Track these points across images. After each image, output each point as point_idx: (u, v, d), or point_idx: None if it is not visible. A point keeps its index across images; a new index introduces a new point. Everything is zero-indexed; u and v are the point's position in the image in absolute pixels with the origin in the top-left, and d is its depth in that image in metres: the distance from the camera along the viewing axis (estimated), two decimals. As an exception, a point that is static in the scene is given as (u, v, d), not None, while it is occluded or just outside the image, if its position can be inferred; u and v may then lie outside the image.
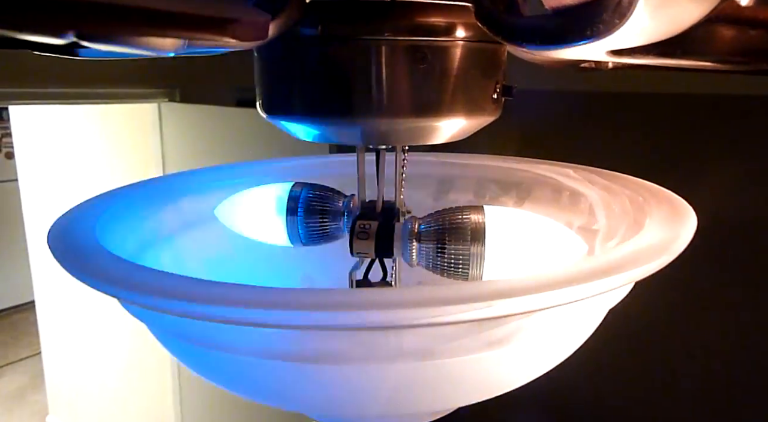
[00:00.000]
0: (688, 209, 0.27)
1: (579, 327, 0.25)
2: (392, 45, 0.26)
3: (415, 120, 0.27)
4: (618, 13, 0.18)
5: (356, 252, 0.31)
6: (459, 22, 0.26)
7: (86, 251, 0.22)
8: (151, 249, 0.33)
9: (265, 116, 0.30)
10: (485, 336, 0.20)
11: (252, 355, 0.21)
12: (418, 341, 0.20)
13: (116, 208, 0.32)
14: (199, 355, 0.23)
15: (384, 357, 0.20)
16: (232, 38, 0.15)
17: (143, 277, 0.20)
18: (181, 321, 0.20)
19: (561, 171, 0.40)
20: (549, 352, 0.24)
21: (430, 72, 0.26)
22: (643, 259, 0.21)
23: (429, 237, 0.31)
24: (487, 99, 0.28)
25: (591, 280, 0.19)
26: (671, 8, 0.16)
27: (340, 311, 0.18)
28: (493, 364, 0.22)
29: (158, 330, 0.23)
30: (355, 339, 0.20)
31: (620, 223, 0.33)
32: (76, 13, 0.11)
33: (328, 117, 0.27)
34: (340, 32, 0.26)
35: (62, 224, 0.26)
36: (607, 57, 0.21)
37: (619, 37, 0.19)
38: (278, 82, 0.28)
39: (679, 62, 0.20)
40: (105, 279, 0.20)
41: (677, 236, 0.23)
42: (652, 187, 0.33)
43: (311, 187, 0.36)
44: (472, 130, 0.30)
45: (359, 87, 0.26)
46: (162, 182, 0.37)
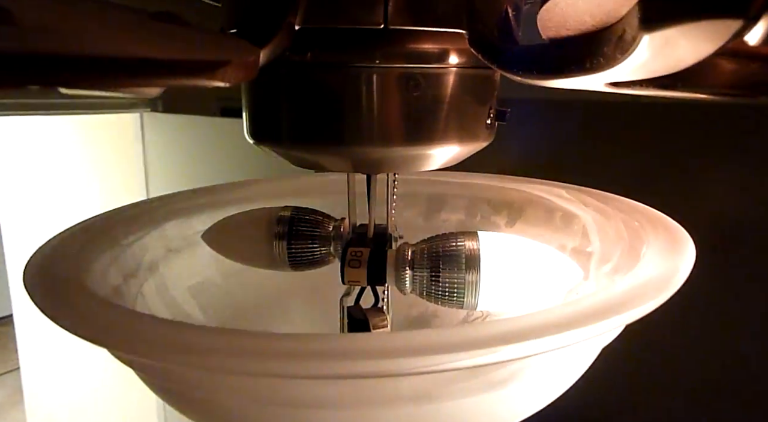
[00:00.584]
0: (686, 237, 0.27)
1: (579, 361, 0.24)
2: (384, 72, 0.25)
3: (408, 148, 0.27)
4: (620, 47, 0.17)
5: (348, 280, 0.30)
6: (452, 49, 0.26)
7: (69, 294, 0.21)
8: (134, 280, 0.31)
9: (252, 142, 0.29)
10: (485, 379, 0.20)
11: (242, 401, 0.20)
12: (416, 386, 0.19)
13: (97, 237, 0.30)
14: (186, 400, 0.22)
15: (380, 402, 0.20)
16: (221, 82, 0.14)
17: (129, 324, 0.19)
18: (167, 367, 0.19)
19: (553, 191, 0.40)
20: (549, 389, 0.24)
21: (423, 99, 0.26)
22: (646, 296, 0.20)
23: (422, 265, 0.30)
24: (481, 125, 0.28)
25: (597, 321, 0.19)
26: (677, 45, 0.16)
27: (333, 361, 0.17)
28: (492, 405, 0.21)
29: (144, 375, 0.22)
30: (350, 385, 0.19)
31: (615, 247, 0.32)
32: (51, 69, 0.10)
33: (318, 145, 0.27)
34: (331, 59, 0.25)
35: (40, 259, 0.25)
36: (604, 88, 0.21)
37: (618, 71, 0.18)
38: (266, 109, 0.27)
39: (678, 94, 0.20)
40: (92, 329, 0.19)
41: (678, 269, 0.22)
42: (647, 211, 0.32)
43: (300, 210, 0.35)
44: (465, 156, 0.29)
45: (350, 115, 0.26)
46: (145, 206, 0.36)
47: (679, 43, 0.16)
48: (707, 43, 0.15)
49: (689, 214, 0.30)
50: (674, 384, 0.54)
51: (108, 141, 1.54)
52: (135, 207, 0.35)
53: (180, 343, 0.18)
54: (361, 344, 0.18)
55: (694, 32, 0.15)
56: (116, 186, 1.52)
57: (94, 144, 1.57)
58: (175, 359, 0.17)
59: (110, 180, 1.54)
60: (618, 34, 0.17)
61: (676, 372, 0.54)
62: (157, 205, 0.37)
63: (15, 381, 2.10)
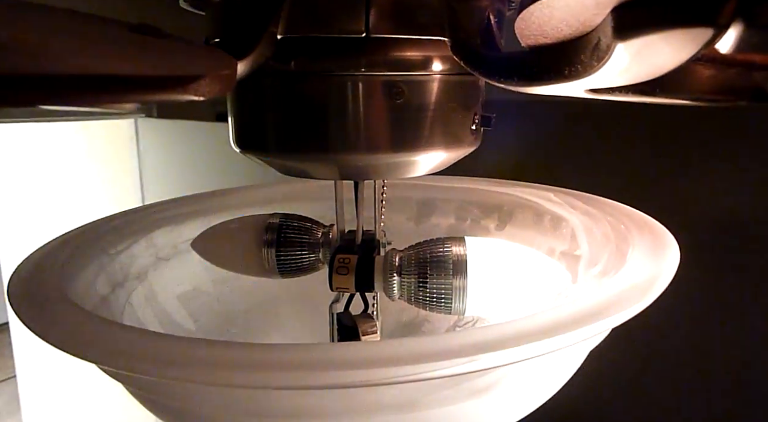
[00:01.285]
0: (671, 241, 0.27)
1: (564, 366, 0.24)
2: (367, 80, 0.25)
3: (393, 155, 0.27)
4: (596, 55, 0.17)
5: (336, 287, 0.30)
6: (435, 56, 0.26)
7: (52, 305, 0.21)
8: (122, 289, 0.31)
9: (238, 151, 0.29)
10: (468, 387, 0.20)
11: (223, 413, 0.20)
12: (398, 394, 0.19)
13: (84, 247, 0.30)
14: (173, 413, 0.22)
15: (362, 412, 0.20)
16: (194, 96, 0.14)
17: (111, 337, 0.19)
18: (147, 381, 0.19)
19: (542, 194, 0.40)
20: (534, 394, 0.24)
21: (407, 106, 0.26)
22: (629, 300, 0.20)
23: (410, 271, 0.30)
24: (466, 131, 0.28)
25: (577, 327, 0.19)
26: (651, 53, 0.16)
27: (312, 371, 0.17)
28: (476, 412, 0.21)
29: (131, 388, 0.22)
30: (331, 395, 0.19)
31: (602, 250, 0.32)
32: (24, 89, 0.10)
33: (304, 154, 0.27)
34: (314, 68, 0.25)
35: (24, 271, 0.25)
36: (584, 94, 0.21)
37: (596, 78, 0.19)
38: (251, 118, 0.27)
39: (657, 100, 0.20)
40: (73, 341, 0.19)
41: (660, 273, 0.22)
42: (632, 213, 0.32)
43: (289, 217, 0.35)
44: (451, 162, 0.29)
45: (335, 123, 0.26)
46: (134, 215, 0.36)
47: (653, 51, 0.16)
48: (681, 51, 0.15)
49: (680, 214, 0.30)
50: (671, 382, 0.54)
51: (103, 147, 1.54)
52: (123, 216, 0.35)
53: (160, 356, 0.18)
54: (341, 354, 0.18)
55: (666, 41, 0.15)
56: (112, 192, 1.52)
57: (90, 150, 1.57)
58: (154, 372, 0.17)
59: (106, 186, 1.53)
60: (593, 43, 0.17)
61: (673, 370, 0.54)
62: (145, 213, 0.37)
63: (12, 390, 2.09)
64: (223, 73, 0.16)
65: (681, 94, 0.20)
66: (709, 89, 0.19)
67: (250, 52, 0.22)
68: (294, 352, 0.18)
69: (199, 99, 0.14)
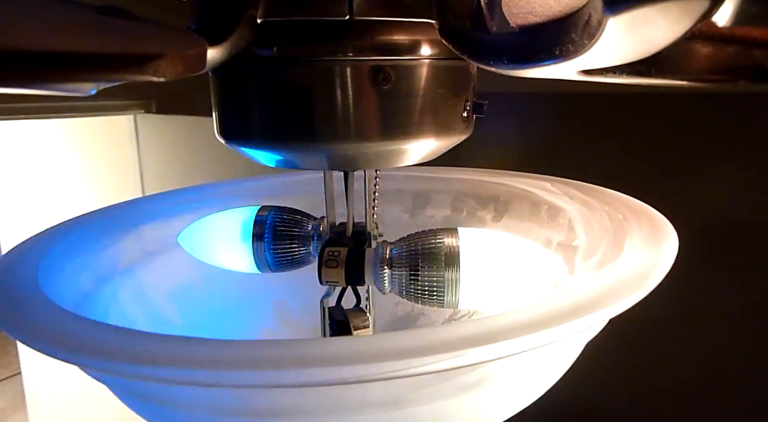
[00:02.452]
0: (670, 229, 0.26)
1: (558, 360, 0.23)
2: (353, 65, 0.24)
3: (382, 143, 0.26)
4: (587, 33, 0.16)
5: (325, 281, 0.30)
6: (423, 40, 0.25)
7: (24, 303, 0.20)
8: (108, 285, 0.31)
9: (223, 142, 0.28)
10: (456, 382, 0.19)
11: (209, 413, 0.19)
12: (384, 391, 0.18)
13: (68, 242, 0.30)
14: (154, 413, 0.21)
15: (347, 410, 0.19)
16: (153, 77, 0.13)
17: (82, 335, 0.18)
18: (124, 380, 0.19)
19: (538, 184, 0.39)
20: (526, 390, 0.23)
21: (395, 92, 0.25)
22: (626, 290, 0.20)
23: (401, 264, 0.29)
24: (457, 118, 0.27)
25: (568, 320, 0.18)
26: (645, 28, 0.15)
27: (294, 368, 0.16)
28: (466, 409, 0.21)
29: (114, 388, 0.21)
30: (316, 392, 0.18)
31: (600, 240, 0.31)
32: None
33: (289, 143, 0.26)
34: (298, 53, 0.24)
35: (2, 266, 0.24)
36: (577, 76, 0.20)
37: (589, 57, 0.18)
38: (234, 107, 0.27)
39: (653, 81, 0.19)
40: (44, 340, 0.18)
41: (657, 264, 0.22)
42: (630, 202, 0.31)
43: (278, 210, 0.35)
44: (443, 150, 0.28)
45: (321, 110, 0.25)
46: (121, 210, 0.35)
47: (646, 25, 0.15)
48: (675, 25, 0.15)
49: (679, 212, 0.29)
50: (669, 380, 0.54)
51: (103, 143, 1.53)
52: (109, 210, 0.35)
53: (136, 355, 0.17)
54: (323, 350, 0.17)
55: (660, 14, 0.14)
56: (112, 188, 1.51)
57: (90, 147, 1.56)
58: (128, 371, 0.17)
59: (106, 182, 1.53)
60: (584, 19, 0.16)
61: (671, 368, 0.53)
62: (133, 207, 0.36)
63: (17, 386, 2.10)
64: (186, 53, 0.15)
65: (678, 74, 0.19)
66: (708, 69, 0.18)
67: (227, 36, 0.21)
68: (274, 349, 0.17)
69: (159, 79, 0.13)
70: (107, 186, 1.52)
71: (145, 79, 0.13)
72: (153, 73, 0.13)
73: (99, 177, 1.55)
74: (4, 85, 0.12)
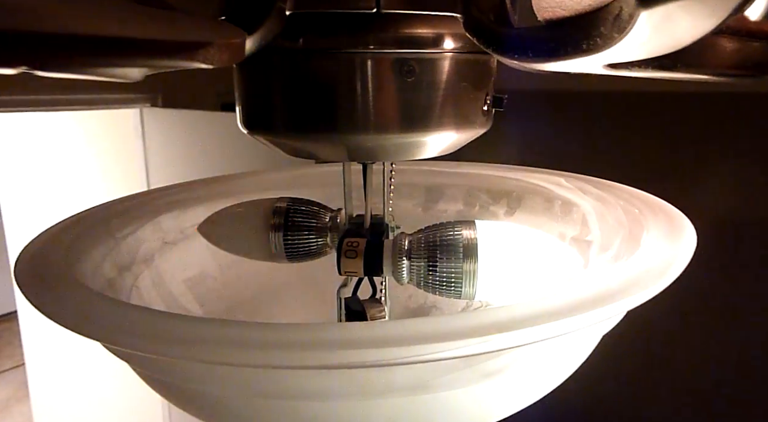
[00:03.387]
0: (686, 223, 0.26)
1: (577, 350, 0.24)
2: (378, 58, 0.24)
3: (403, 135, 0.26)
4: (617, 26, 0.17)
5: (344, 271, 0.30)
6: (447, 33, 0.25)
7: (58, 285, 0.21)
8: (129, 272, 0.31)
9: (245, 132, 0.29)
10: (480, 368, 0.19)
11: (236, 394, 0.20)
12: (410, 375, 0.19)
13: (91, 230, 0.30)
14: (180, 393, 0.22)
15: (374, 393, 0.19)
16: (202, 64, 0.14)
17: (120, 316, 0.18)
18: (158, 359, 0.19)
19: (552, 179, 0.39)
20: (546, 378, 0.23)
21: (418, 85, 0.25)
22: (644, 283, 0.20)
23: (420, 255, 0.29)
24: (478, 111, 0.27)
25: (592, 308, 0.18)
26: (677, 22, 0.15)
27: (323, 351, 0.16)
28: (488, 395, 0.21)
29: (137, 367, 0.22)
30: (344, 375, 0.19)
31: (615, 235, 0.32)
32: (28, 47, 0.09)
33: (312, 134, 0.26)
34: (323, 45, 0.25)
35: (31, 252, 0.25)
36: (602, 70, 0.20)
37: (616, 51, 0.18)
38: (259, 97, 0.27)
39: (678, 75, 0.19)
40: (79, 320, 0.18)
41: (677, 255, 0.22)
42: (646, 197, 0.32)
43: (296, 201, 0.35)
44: (462, 143, 0.29)
45: (344, 102, 0.25)
46: (140, 199, 0.36)
47: (678, 19, 0.15)
48: (707, 19, 0.15)
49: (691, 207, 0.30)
50: (676, 379, 0.54)
51: (109, 136, 1.54)
52: (129, 199, 0.35)
53: (171, 335, 0.17)
54: (353, 333, 0.17)
55: (693, 8, 0.14)
56: (118, 181, 1.52)
57: (96, 140, 1.57)
58: (165, 351, 0.17)
59: (112, 175, 1.53)
60: (615, 13, 0.17)
61: (678, 367, 0.54)
62: (152, 197, 0.36)
63: (20, 377, 2.11)
64: (232, 42, 0.15)
65: (703, 68, 0.19)
66: (733, 63, 0.19)
67: (257, 27, 0.21)
68: (304, 331, 0.17)
69: (207, 67, 0.14)
70: (113, 178, 1.53)
71: (194, 65, 0.14)
72: (203, 59, 0.13)
73: (105, 169, 1.55)
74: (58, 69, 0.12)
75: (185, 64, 0.13)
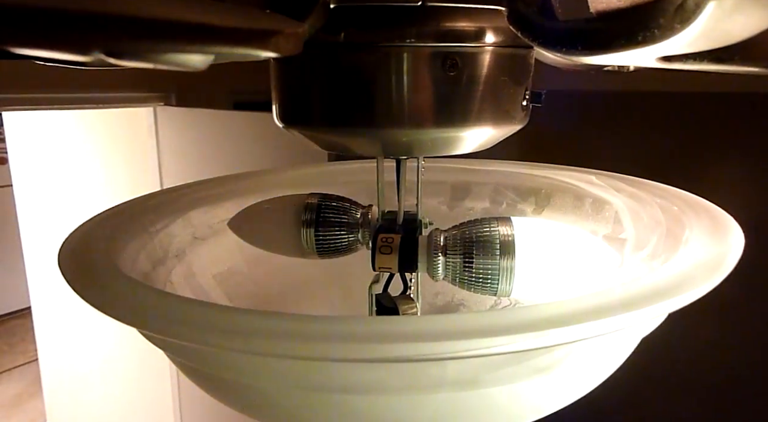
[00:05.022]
0: (731, 221, 0.26)
1: (621, 348, 0.24)
2: (420, 51, 0.24)
3: (440, 130, 0.26)
4: (680, 16, 0.16)
5: (379, 267, 0.30)
6: (488, 27, 0.25)
7: (103, 275, 0.21)
8: (163, 267, 0.31)
9: (281, 125, 0.29)
10: (532, 364, 0.19)
11: (280, 385, 0.20)
12: (461, 370, 0.19)
13: (125, 224, 0.30)
14: (221, 385, 0.22)
15: (424, 388, 0.19)
16: (273, 52, 0.13)
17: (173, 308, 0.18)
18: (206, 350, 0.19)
19: (582, 177, 0.39)
20: (590, 376, 0.23)
21: (459, 79, 0.25)
22: (696, 280, 0.20)
23: (455, 251, 0.29)
24: (516, 106, 0.27)
25: (646, 305, 0.18)
26: (746, 12, 0.15)
27: (383, 343, 0.16)
28: (534, 391, 0.21)
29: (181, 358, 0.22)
30: (393, 369, 0.18)
31: (651, 233, 0.31)
32: (108, 30, 0.09)
33: (349, 127, 0.26)
34: (363, 39, 0.24)
35: (73, 243, 0.25)
36: (655, 63, 0.20)
37: (672, 43, 0.18)
38: (296, 91, 0.27)
39: (733, 68, 0.19)
40: (126, 308, 0.18)
41: (728, 251, 0.22)
42: (685, 196, 0.31)
43: (327, 197, 0.35)
44: (499, 139, 0.28)
45: (382, 96, 0.25)
46: (170, 194, 0.36)
47: (747, 9, 0.15)
48: (778, 9, 0.14)
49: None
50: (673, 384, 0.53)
51: (122, 135, 1.55)
52: (160, 195, 0.35)
53: (218, 325, 0.17)
54: (405, 327, 0.17)
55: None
56: (130, 179, 1.53)
57: (110, 138, 1.58)
58: (213, 341, 0.17)
59: (125, 173, 1.54)
60: (677, 3, 0.16)
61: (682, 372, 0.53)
62: (182, 193, 0.36)
63: (34, 372, 2.13)
64: (297, 31, 0.15)
65: (761, 61, 0.19)
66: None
67: (303, 20, 0.21)
68: (356, 324, 0.17)
69: (276, 55, 0.14)
70: (126, 176, 1.54)
71: (263, 54, 0.14)
72: (273, 48, 0.13)
73: (118, 167, 1.56)
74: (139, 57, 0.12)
75: (254, 52, 0.13)
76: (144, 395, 1.55)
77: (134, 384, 1.55)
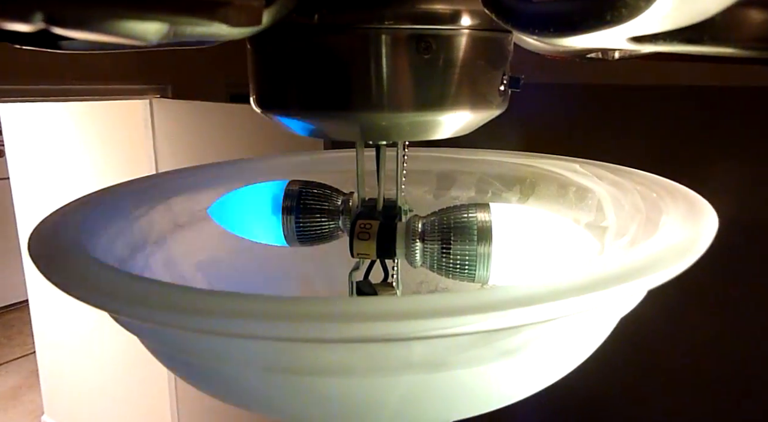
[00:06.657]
0: (707, 206, 0.26)
1: (594, 332, 0.23)
2: (394, 34, 0.24)
3: (418, 114, 0.26)
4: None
5: (357, 253, 0.30)
6: (464, 9, 0.25)
7: (72, 259, 0.21)
8: (141, 253, 0.31)
9: (259, 111, 0.28)
10: (499, 346, 0.19)
11: (251, 369, 0.20)
12: (427, 352, 0.19)
13: (103, 210, 0.30)
14: (195, 369, 0.22)
15: (390, 369, 0.19)
16: (222, 23, 0.13)
17: (135, 288, 0.18)
18: (174, 333, 0.19)
19: (567, 166, 0.39)
20: (563, 359, 0.23)
21: (434, 63, 0.25)
22: (666, 261, 0.20)
23: (433, 237, 0.29)
24: (494, 91, 0.27)
25: (613, 285, 0.18)
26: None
27: (346, 323, 0.16)
28: (504, 374, 0.21)
29: (151, 343, 0.22)
30: (360, 351, 0.18)
31: (631, 221, 0.31)
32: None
33: (326, 111, 0.26)
34: (338, 20, 0.24)
35: (45, 229, 0.25)
36: (627, 44, 0.20)
37: (641, 22, 0.17)
38: (272, 75, 0.27)
39: (704, 49, 0.19)
40: (92, 290, 0.18)
41: (699, 235, 0.21)
42: (666, 183, 0.31)
43: (308, 184, 0.35)
44: (478, 124, 0.28)
45: (358, 79, 0.25)
46: (152, 181, 0.36)
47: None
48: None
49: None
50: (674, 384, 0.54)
51: (119, 127, 1.54)
52: (141, 181, 0.35)
53: (185, 306, 0.17)
54: (371, 306, 0.17)
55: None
56: (127, 171, 1.52)
57: (106, 130, 1.57)
58: (173, 321, 0.17)
59: (121, 165, 1.54)
60: (642, -20, 0.16)
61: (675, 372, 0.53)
62: (163, 179, 0.36)
63: (31, 365, 2.14)
64: (251, 4, 0.15)
65: (731, 42, 0.19)
66: (762, 36, 0.18)
67: (272, 1, 0.21)
68: (318, 304, 0.17)
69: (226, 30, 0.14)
70: (122, 168, 1.54)
71: (213, 25, 0.13)
72: (222, 18, 0.13)
73: (114, 160, 1.56)
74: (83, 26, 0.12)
75: (205, 23, 0.13)
76: (141, 386, 1.55)
77: (131, 375, 1.56)
